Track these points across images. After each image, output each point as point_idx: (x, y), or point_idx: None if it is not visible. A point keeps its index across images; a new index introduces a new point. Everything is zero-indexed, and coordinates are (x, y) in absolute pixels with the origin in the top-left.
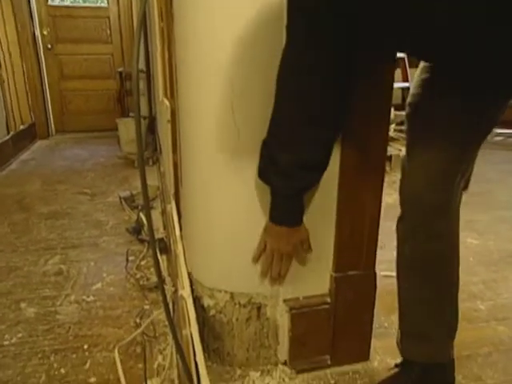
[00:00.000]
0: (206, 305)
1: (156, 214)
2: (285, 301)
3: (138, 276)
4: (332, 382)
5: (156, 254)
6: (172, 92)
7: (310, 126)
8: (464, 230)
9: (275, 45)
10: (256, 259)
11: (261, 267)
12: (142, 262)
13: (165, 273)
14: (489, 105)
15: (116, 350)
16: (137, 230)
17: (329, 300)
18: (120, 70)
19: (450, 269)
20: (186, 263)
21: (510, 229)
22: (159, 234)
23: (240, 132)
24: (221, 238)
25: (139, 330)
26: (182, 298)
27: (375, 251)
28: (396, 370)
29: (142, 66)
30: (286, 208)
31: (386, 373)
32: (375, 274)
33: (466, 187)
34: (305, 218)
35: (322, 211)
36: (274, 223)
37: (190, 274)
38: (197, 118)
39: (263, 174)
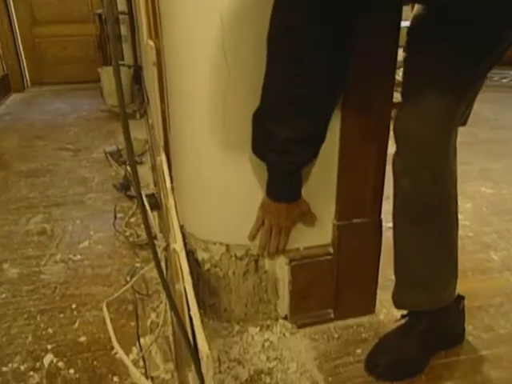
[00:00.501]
0: (200, 259)
1: (145, 170)
2: (284, 252)
3: (127, 233)
4: (335, 335)
5: (142, 199)
6: (156, 31)
7: (305, 92)
8: (478, 178)
9: None
10: (253, 236)
11: (259, 242)
12: (132, 219)
13: (156, 229)
14: (485, 41)
15: (104, 305)
16: (125, 186)
17: (331, 250)
18: (99, 12)
19: (449, 210)
20: (177, 216)
21: None
22: (149, 190)
23: (231, 71)
24: (214, 188)
25: (128, 285)
26: (175, 251)
27: (381, 198)
28: (402, 321)
29: (123, 7)
30: (284, 184)
31: (392, 325)
32: (381, 221)
33: (464, 123)
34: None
35: (323, 158)
36: (272, 200)
37: (182, 228)
38: (183, 59)
39: (258, 149)
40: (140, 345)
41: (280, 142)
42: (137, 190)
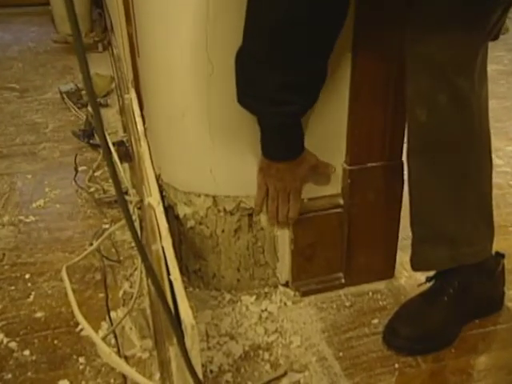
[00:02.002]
0: (181, 215)
1: (112, 114)
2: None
3: (92, 189)
4: (347, 304)
5: (107, 143)
6: None
7: (301, 24)
8: None
9: None
10: (259, 207)
11: (267, 213)
12: (97, 173)
13: (128, 184)
14: None
15: (63, 271)
16: (87, 134)
17: (341, 202)
18: None
19: (477, 146)
20: (152, 164)
21: None
22: (117, 137)
23: None
24: (195, 128)
25: (93, 247)
26: (150, 206)
27: (402, 135)
28: (428, 285)
29: None
30: (281, 139)
31: (415, 291)
32: (402, 164)
33: (495, 37)
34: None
35: (329, 93)
36: (270, 160)
37: (158, 178)
38: None
39: (244, 100)
40: (111, 319)
41: (270, 89)
42: (100, 134)
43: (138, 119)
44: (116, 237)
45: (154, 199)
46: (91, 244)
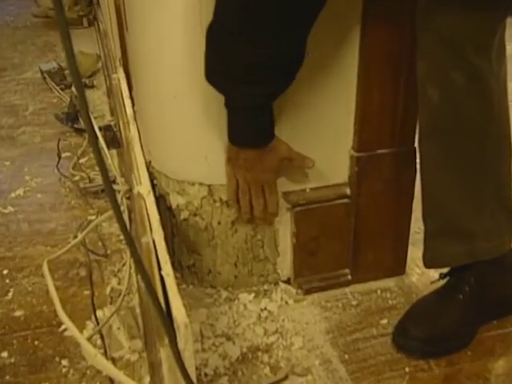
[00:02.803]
0: (174, 205)
1: (99, 96)
2: (285, 194)
3: (76, 178)
4: (354, 303)
5: (93, 127)
6: None
7: None
8: None
9: None
10: (234, 200)
11: (240, 209)
12: (82, 160)
13: (115, 172)
14: None
15: (45, 265)
16: (71, 117)
17: (348, 191)
18: None
19: (494, 129)
20: (142, 150)
21: None
22: (104, 122)
23: None
24: (189, 110)
25: (77, 239)
26: (140, 196)
27: (415, 120)
28: (442, 283)
29: None
30: (249, 124)
31: (428, 289)
32: (415, 151)
33: None
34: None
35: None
36: (237, 147)
37: (149, 165)
38: None
39: (212, 76)
40: (97, 318)
41: (240, 67)
42: (85, 118)
43: (127, 101)
44: (103, 229)
45: (143, 188)
46: (75, 237)
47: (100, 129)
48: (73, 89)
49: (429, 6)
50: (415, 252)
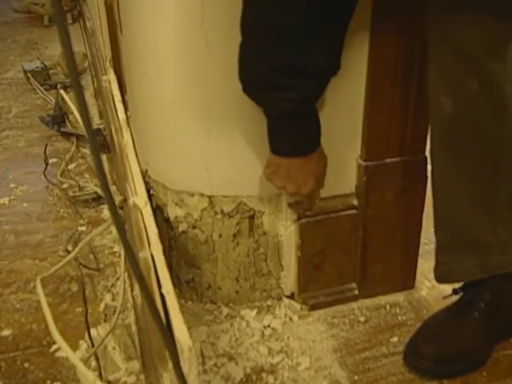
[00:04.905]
0: (172, 217)
1: (87, 97)
2: (290, 205)
3: (65, 185)
4: (362, 319)
5: (93, 136)
6: None
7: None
8: None
9: None
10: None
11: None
12: (71, 166)
13: (107, 179)
14: None
15: (38, 283)
16: (58, 120)
17: (356, 202)
18: None
19: (509, 137)
20: (137, 158)
21: None
22: (94, 125)
23: None
24: (189, 117)
25: (71, 255)
26: (136, 207)
27: (426, 127)
28: (454, 298)
29: None
30: (290, 130)
31: (439, 304)
32: (425, 159)
33: None
34: None
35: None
36: (278, 156)
37: (145, 174)
38: None
39: (246, 86)
40: (91, 338)
41: (267, 72)
42: (88, 134)
43: (119, 105)
44: (94, 241)
45: (140, 199)
46: (66, 249)
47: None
48: (62, 93)
49: (440, 15)
50: (424, 264)
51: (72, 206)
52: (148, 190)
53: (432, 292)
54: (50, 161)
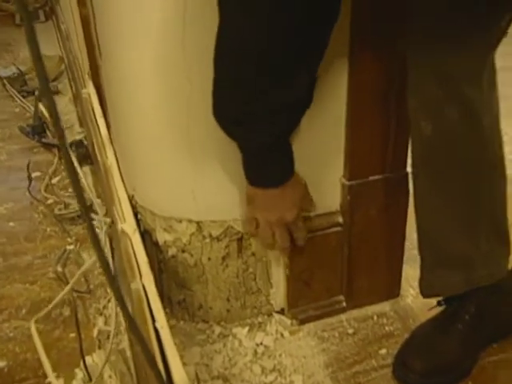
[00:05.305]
0: (161, 241)
1: (65, 102)
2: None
3: (50, 201)
4: (350, 331)
5: (72, 162)
6: None
7: (283, 48)
8: None
9: None
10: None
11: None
12: (54, 180)
13: (91, 194)
14: None
15: (32, 325)
16: (38, 130)
17: (341, 220)
18: None
19: (489, 160)
20: (123, 183)
21: None
22: (74, 134)
23: None
24: (174, 144)
25: (66, 290)
26: (124, 234)
27: (406, 144)
28: (439, 309)
29: None
30: (265, 162)
31: (424, 313)
32: (407, 176)
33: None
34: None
35: (324, 104)
36: (256, 187)
37: (132, 199)
38: None
39: (219, 116)
40: (86, 367)
41: (248, 111)
42: (63, 150)
43: (101, 121)
44: (84, 260)
45: (128, 226)
46: (56, 272)
47: (71, 145)
48: (37, 99)
49: (420, 43)
50: (409, 270)
51: (58, 224)
52: (135, 214)
53: (417, 300)
54: (33, 174)
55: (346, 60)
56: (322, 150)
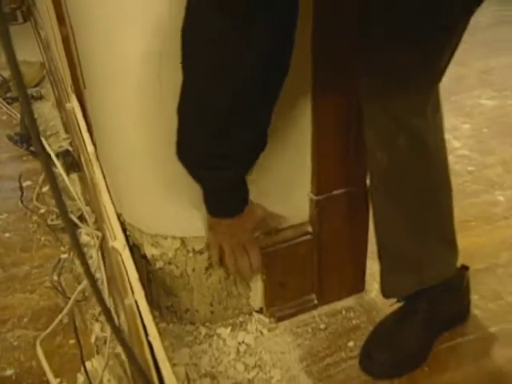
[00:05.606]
0: (148, 255)
1: (48, 108)
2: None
3: (42, 210)
4: (322, 326)
5: (55, 181)
6: None
7: (238, 104)
8: (476, 86)
9: None
10: (219, 265)
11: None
12: (45, 188)
13: (80, 203)
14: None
15: (38, 344)
16: (25, 139)
17: (310, 229)
18: None
19: (436, 179)
20: (112, 200)
21: None
22: (59, 141)
23: None
24: (157, 169)
25: (66, 311)
26: (115, 250)
27: (365, 163)
28: (398, 304)
29: None
30: (225, 199)
31: (386, 306)
32: (366, 189)
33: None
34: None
35: (291, 128)
36: (217, 217)
37: (120, 217)
38: None
39: (181, 157)
40: (87, 372)
41: (201, 157)
42: (45, 167)
43: (86, 136)
44: (77, 268)
45: (118, 243)
46: (52, 281)
47: (57, 156)
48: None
49: (370, 81)
50: (372, 264)
51: (52, 233)
52: (124, 229)
53: (380, 294)
54: (24, 184)
55: (310, 96)
56: (293, 170)
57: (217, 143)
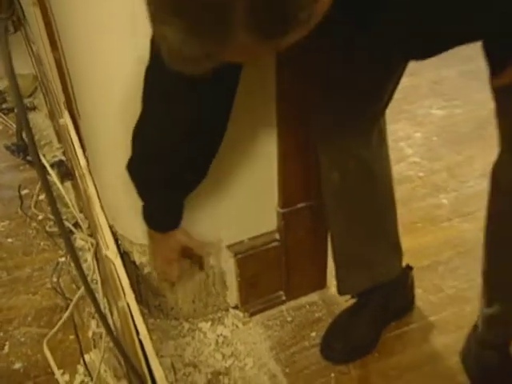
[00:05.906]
0: (138, 261)
1: (41, 119)
2: (228, 247)
3: (40, 217)
4: (289, 319)
5: (50, 191)
6: None
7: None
8: (428, 95)
9: None
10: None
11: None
12: (42, 196)
13: (74, 210)
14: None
15: (44, 345)
16: (22, 148)
17: (278, 237)
18: None
19: (382, 198)
20: (104, 212)
21: (480, 88)
22: (53, 150)
23: None
24: None
25: (68, 312)
26: (108, 259)
27: None
28: (353, 300)
29: None
30: (157, 214)
31: (344, 301)
32: None
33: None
34: (239, 149)
35: (259, 148)
36: (148, 227)
37: (112, 228)
38: None
39: (130, 176)
40: (85, 364)
41: (152, 183)
42: (41, 178)
43: (79, 151)
44: (74, 270)
45: (111, 252)
46: (52, 283)
47: (52, 166)
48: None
49: (321, 120)
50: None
51: (50, 238)
52: (116, 239)
53: None
54: (23, 192)
55: (275, 126)
56: (262, 187)
57: (158, 168)
